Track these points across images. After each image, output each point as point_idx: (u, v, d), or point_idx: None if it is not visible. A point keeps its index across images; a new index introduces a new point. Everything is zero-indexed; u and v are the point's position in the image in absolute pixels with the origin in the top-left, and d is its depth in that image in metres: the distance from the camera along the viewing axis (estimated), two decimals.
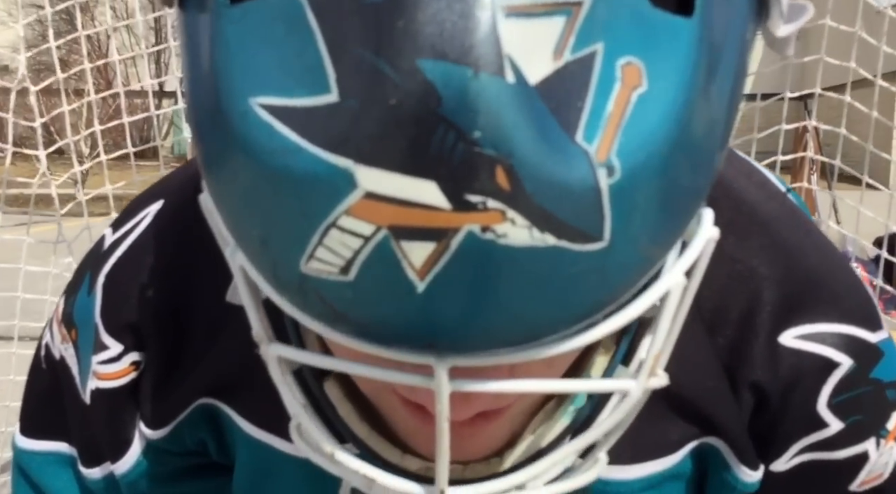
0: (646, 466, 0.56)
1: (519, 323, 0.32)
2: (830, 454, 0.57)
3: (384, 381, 0.35)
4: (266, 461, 0.60)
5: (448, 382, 0.34)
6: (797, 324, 0.55)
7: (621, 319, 0.34)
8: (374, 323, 0.32)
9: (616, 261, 0.32)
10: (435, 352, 0.33)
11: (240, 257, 0.36)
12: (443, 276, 0.30)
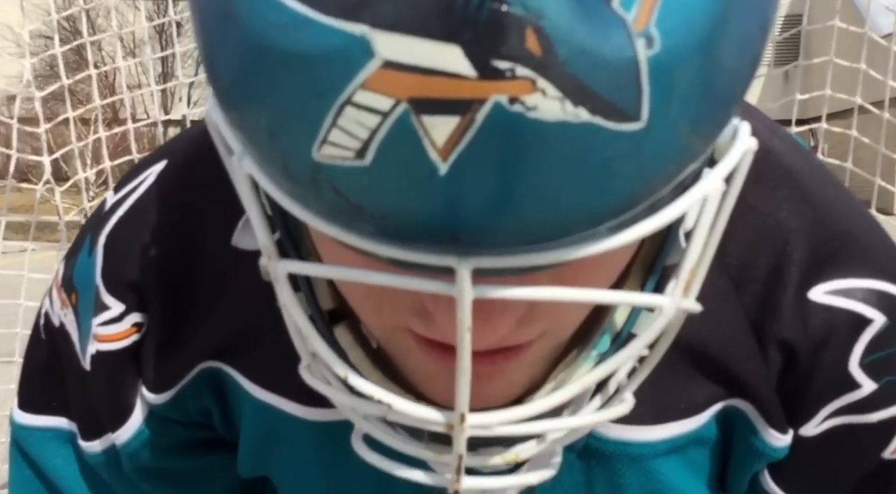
0: (669, 427, 0.54)
1: (547, 211, 0.30)
2: (863, 417, 0.54)
3: (403, 288, 0.33)
4: (273, 425, 0.57)
5: (471, 287, 0.32)
6: (827, 279, 0.53)
7: (656, 222, 0.32)
8: (392, 215, 0.30)
9: (653, 146, 0.29)
10: (457, 250, 0.31)
11: (247, 163, 0.34)
12: (467, 156, 0.28)
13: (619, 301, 0.34)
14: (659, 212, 0.32)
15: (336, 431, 0.56)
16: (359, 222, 0.31)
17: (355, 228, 0.32)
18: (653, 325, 0.35)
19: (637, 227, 0.32)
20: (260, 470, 0.63)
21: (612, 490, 0.56)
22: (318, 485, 0.60)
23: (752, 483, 0.59)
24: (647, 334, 0.36)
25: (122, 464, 0.62)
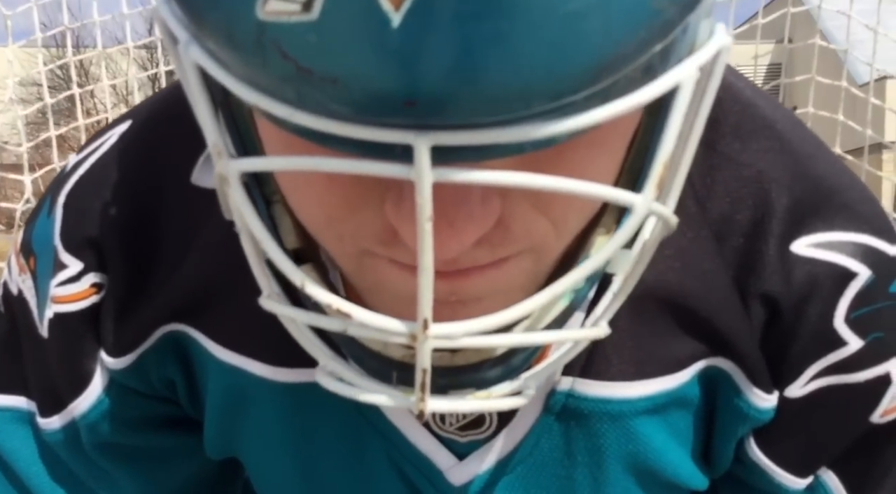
0: (650, 384, 0.51)
1: (509, 74, 0.27)
2: (850, 376, 0.52)
3: (359, 174, 0.31)
4: (239, 390, 0.54)
5: (430, 168, 0.29)
6: (811, 232, 0.51)
7: (626, 103, 0.30)
8: (344, 77, 0.28)
9: (622, 4, 0.28)
10: (415, 122, 0.29)
11: (194, 51, 0.32)
12: (421, 5, 0.26)
13: (589, 192, 0.31)
14: (628, 94, 0.31)
15: (303, 394, 0.53)
16: (309, 91, 0.29)
17: (306, 103, 0.29)
18: (625, 226, 0.33)
19: (605, 108, 0.30)
20: (227, 447, 0.60)
21: (592, 452, 0.53)
22: (287, 457, 0.57)
23: (737, 452, 0.56)
24: (619, 234, 0.33)
25: (82, 441, 0.58)
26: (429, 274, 0.31)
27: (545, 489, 0.55)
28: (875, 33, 3.04)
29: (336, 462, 0.56)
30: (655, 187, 0.33)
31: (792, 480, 0.55)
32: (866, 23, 3.01)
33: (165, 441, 0.61)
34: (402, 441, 0.55)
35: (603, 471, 0.53)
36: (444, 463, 0.56)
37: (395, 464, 0.56)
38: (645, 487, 0.55)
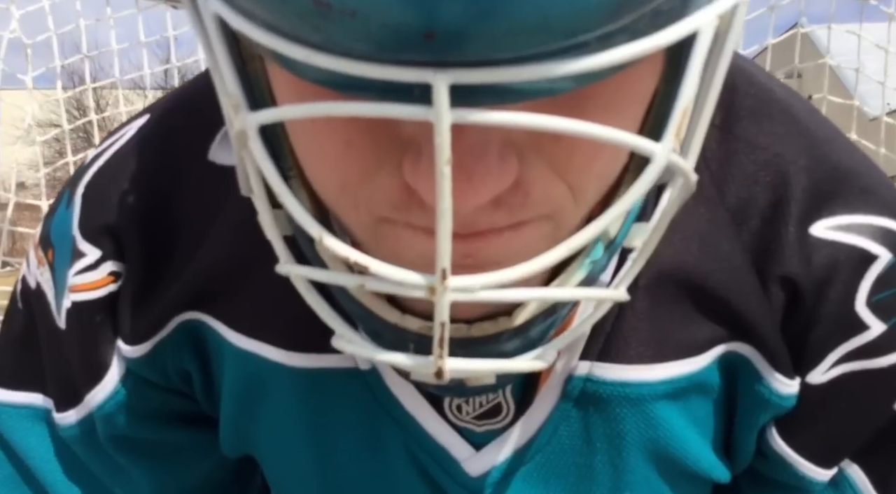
0: (668, 367, 0.50)
1: (528, 6, 0.27)
2: (872, 362, 0.51)
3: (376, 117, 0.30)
4: (255, 377, 0.53)
5: (449, 108, 0.29)
6: (830, 215, 0.50)
7: (644, 46, 0.30)
8: (362, 9, 0.27)
9: None
10: (433, 59, 0.29)
11: (213, 2, 0.32)
12: None
13: (607, 136, 0.31)
14: (646, 37, 0.30)
15: (319, 380, 0.53)
16: (327, 27, 0.29)
17: (324, 42, 0.29)
18: (644, 175, 0.33)
19: (623, 48, 0.30)
20: (243, 441, 0.59)
21: (611, 438, 0.52)
22: (303, 447, 0.56)
23: (759, 444, 0.55)
24: (639, 184, 0.33)
25: (98, 434, 0.58)
26: (447, 218, 0.31)
27: (564, 478, 0.54)
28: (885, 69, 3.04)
29: (352, 451, 0.55)
30: (675, 136, 0.32)
31: (816, 471, 0.53)
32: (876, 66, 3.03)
33: (180, 436, 0.60)
34: (418, 431, 0.54)
35: (622, 458, 0.52)
36: (461, 454, 0.55)
37: (411, 454, 0.55)
38: (665, 476, 0.54)
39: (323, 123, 0.36)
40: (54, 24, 2.16)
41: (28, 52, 2.14)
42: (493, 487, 0.55)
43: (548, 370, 0.51)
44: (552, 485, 0.54)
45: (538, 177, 0.36)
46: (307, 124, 0.37)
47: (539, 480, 0.54)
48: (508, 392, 0.53)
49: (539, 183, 0.36)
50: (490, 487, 0.55)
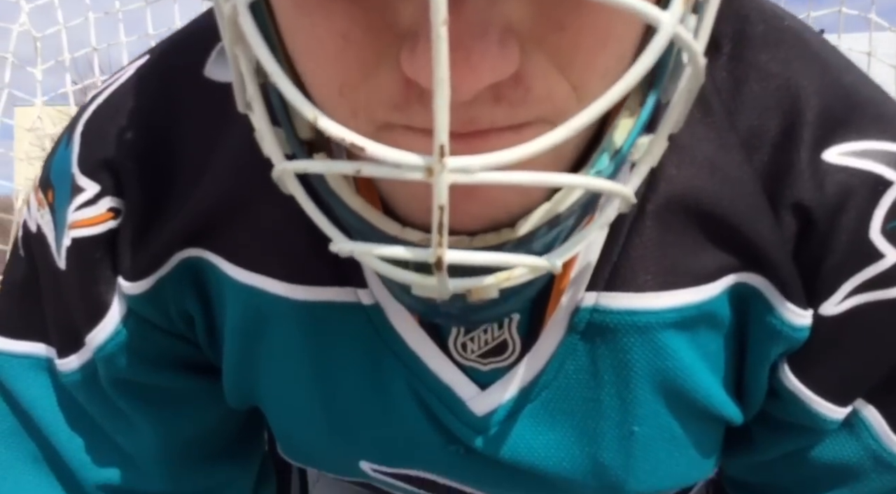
0: (677, 295, 0.48)
1: None
2: (887, 291, 0.49)
3: None
4: (257, 313, 0.52)
5: None
6: (843, 141, 0.48)
7: None
8: None
9: None
10: None
11: None
12: None
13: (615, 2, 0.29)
14: None
15: (321, 314, 0.51)
16: None
17: None
18: (650, 47, 0.31)
19: None
20: (247, 389, 0.57)
21: (618, 370, 0.50)
22: (306, 386, 0.54)
23: (771, 383, 0.52)
24: (645, 57, 0.31)
25: (100, 379, 0.56)
26: (444, 87, 0.29)
27: (570, 414, 0.52)
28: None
29: (355, 390, 0.53)
30: (682, 4, 0.31)
31: (830, 408, 0.51)
32: None
33: (183, 383, 0.59)
34: (422, 370, 0.52)
35: (630, 390, 0.50)
36: (466, 393, 0.53)
37: (415, 394, 0.53)
38: (675, 411, 0.51)
39: (320, 18, 0.34)
40: (63, 18, 2.16)
41: (37, 45, 2.13)
42: (498, 426, 0.53)
43: (554, 303, 0.50)
44: (559, 422, 0.52)
45: (540, 72, 0.34)
46: (304, 21, 0.35)
47: (546, 417, 0.52)
48: (514, 328, 0.51)
49: (541, 78, 0.34)
50: (496, 426, 0.53)
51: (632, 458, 0.52)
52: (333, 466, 0.62)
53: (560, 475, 0.53)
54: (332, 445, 0.57)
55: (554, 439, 0.52)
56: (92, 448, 0.60)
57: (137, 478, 0.60)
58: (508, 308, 0.45)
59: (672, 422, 0.52)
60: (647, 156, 0.39)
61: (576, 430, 0.52)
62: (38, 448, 0.60)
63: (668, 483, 0.54)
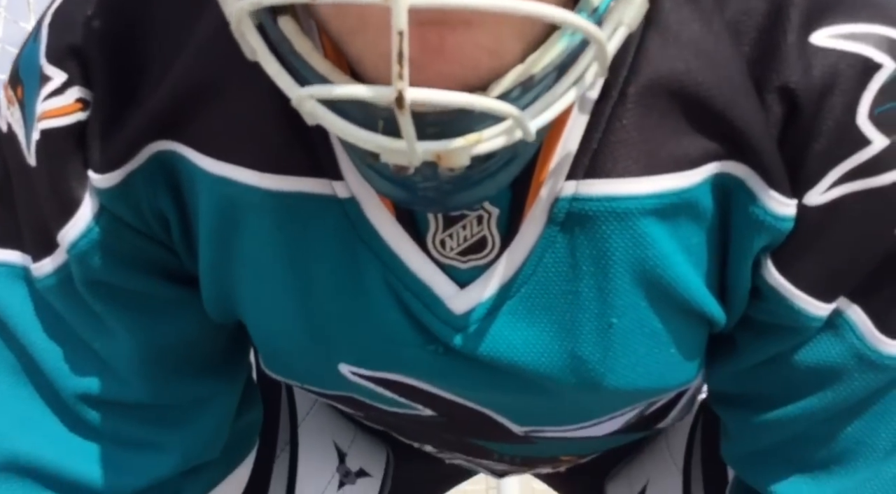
0: (658, 180, 0.46)
1: None
2: (874, 180, 0.47)
3: None
4: (230, 205, 0.50)
5: None
6: (832, 23, 0.46)
7: None
8: None
9: None
10: None
11: None
12: None
13: None
14: None
15: (295, 205, 0.50)
16: None
17: None
18: None
19: None
20: (224, 297, 0.56)
21: (597, 260, 0.48)
22: (282, 285, 0.53)
23: (754, 280, 0.51)
24: None
25: (75, 281, 0.54)
26: None
27: (549, 309, 0.50)
28: None
29: (332, 287, 0.52)
30: None
31: (813, 304, 0.50)
32: None
33: (161, 291, 0.57)
34: (400, 268, 0.51)
35: (609, 280, 0.49)
36: (445, 292, 0.51)
37: (393, 292, 0.51)
38: (655, 305, 0.50)
39: None
40: None
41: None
42: (477, 324, 0.51)
43: (533, 195, 0.48)
44: (538, 317, 0.50)
45: None
46: None
47: (525, 313, 0.51)
48: (493, 224, 0.49)
49: None
50: (475, 324, 0.51)
51: (610, 352, 0.51)
52: (314, 375, 0.60)
53: (539, 371, 0.52)
54: (311, 347, 0.55)
55: (532, 335, 0.51)
56: (70, 357, 0.58)
57: (117, 388, 0.59)
58: (485, 191, 0.44)
59: (651, 316, 0.50)
60: (626, 15, 0.37)
61: (554, 325, 0.50)
62: (16, 358, 0.59)
63: (648, 382, 0.53)
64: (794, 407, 0.55)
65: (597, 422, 0.61)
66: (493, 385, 0.54)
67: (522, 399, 0.56)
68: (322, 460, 0.86)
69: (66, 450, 0.59)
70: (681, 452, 0.83)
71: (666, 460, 0.85)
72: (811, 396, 0.54)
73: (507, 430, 0.63)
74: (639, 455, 0.89)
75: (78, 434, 0.59)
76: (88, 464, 0.59)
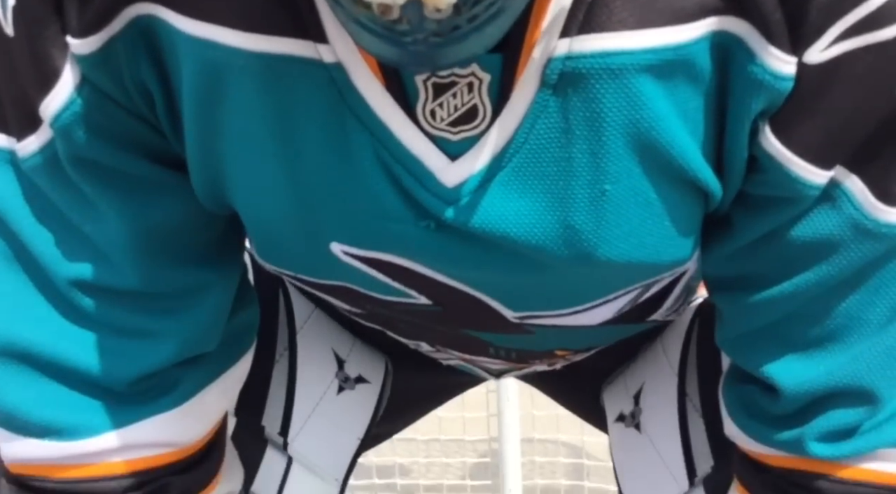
0: (653, 34, 0.45)
1: None
2: (875, 34, 0.45)
3: None
4: (214, 70, 0.48)
5: None
6: None
7: None
8: None
9: None
10: None
11: None
12: None
13: None
14: None
15: (280, 68, 0.48)
16: None
17: None
18: None
19: None
20: (211, 174, 0.54)
21: (590, 122, 0.47)
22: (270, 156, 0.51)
23: (752, 151, 0.49)
24: None
25: (61, 160, 0.53)
26: None
27: (542, 178, 0.49)
28: None
29: (320, 160, 0.50)
30: None
31: (810, 171, 0.48)
32: None
33: (149, 172, 0.55)
34: (389, 140, 0.49)
35: (603, 144, 0.47)
36: (436, 164, 0.50)
37: (383, 165, 0.50)
38: (650, 172, 0.48)
39: None
40: None
41: None
42: (469, 196, 0.50)
43: (525, 58, 0.46)
44: (530, 187, 0.49)
45: None
46: None
47: (517, 183, 0.49)
48: (484, 91, 0.48)
49: None
50: (466, 197, 0.50)
51: (603, 221, 0.49)
52: (307, 260, 0.59)
53: (531, 243, 0.50)
54: (301, 225, 0.54)
55: (525, 205, 0.50)
56: (62, 242, 0.57)
57: (110, 274, 0.58)
58: (475, 46, 0.42)
59: (646, 184, 0.49)
60: None
61: (547, 195, 0.49)
62: (7, 245, 0.58)
63: (642, 256, 0.52)
64: (789, 283, 0.54)
65: (590, 307, 0.60)
66: (485, 262, 0.53)
67: (515, 278, 0.55)
68: (321, 366, 0.86)
69: (61, 337, 0.58)
70: (676, 354, 0.83)
71: (661, 362, 0.84)
72: (807, 271, 0.53)
73: (501, 317, 0.62)
74: (635, 362, 0.89)
75: (73, 321, 0.58)
76: (84, 351, 0.58)
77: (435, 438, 1.90)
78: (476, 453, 2.02)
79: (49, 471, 0.60)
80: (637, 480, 0.82)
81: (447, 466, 1.99)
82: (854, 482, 0.57)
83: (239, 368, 0.70)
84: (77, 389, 0.59)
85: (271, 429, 0.80)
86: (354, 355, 0.89)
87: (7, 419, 0.59)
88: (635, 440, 0.83)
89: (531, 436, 1.80)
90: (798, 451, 0.58)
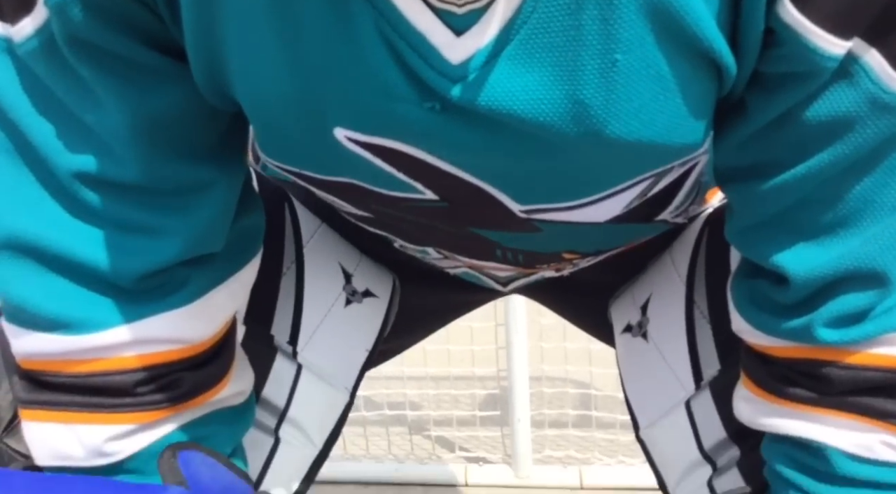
0: None
1: None
2: None
3: None
4: None
5: None
6: None
7: None
8: None
9: None
10: None
11: None
12: None
13: None
14: None
15: None
16: None
17: None
18: None
19: None
20: (209, 57, 0.52)
21: None
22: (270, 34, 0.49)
23: (769, 23, 0.47)
24: None
25: (58, 42, 0.51)
26: None
27: (551, 50, 0.47)
28: None
29: (321, 37, 0.48)
30: None
31: (828, 41, 0.46)
32: None
33: (147, 58, 0.54)
34: (392, 13, 0.47)
35: (614, 9, 0.45)
36: (441, 40, 0.48)
37: (386, 41, 0.48)
38: (663, 42, 0.46)
39: None
40: None
41: None
42: (476, 73, 0.48)
43: None
44: (539, 60, 0.47)
45: None
46: None
47: (524, 57, 0.47)
48: None
49: None
50: (473, 73, 0.48)
51: (613, 95, 0.48)
52: (311, 152, 0.58)
53: (539, 121, 0.49)
54: (303, 109, 0.52)
55: (533, 81, 0.48)
56: (63, 133, 0.55)
57: (112, 166, 0.56)
58: None
59: (658, 56, 0.47)
60: None
61: (556, 68, 0.47)
62: (7, 137, 0.56)
63: (652, 134, 0.50)
64: (802, 166, 0.52)
65: (598, 198, 0.59)
66: (492, 146, 0.52)
67: (522, 165, 0.54)
68: (328, 279, 0.85)
69: (66, 232, 0.57)
70: (685, 264, 0.81)
71: (670, 272, 0.83)
72: (821, 153, 0.51)
73: (508, 211, 0.60)
74: (643, 274, 0.88)
75: (77, 216, 0.57)
76: (90, 246, 0.57)
77: (445, 372, 1.90)
78: (485, 387, 2.03)
79: (61, 366, 0.59)
80: (643, 385, 0.81)
81: (456, 399, 2.00)
82: (861, 366, 0.56)
83: (246, 272, 0.69)
84: (84, 284, 0.58)
85: (280, 338, 0.80)
86: (361, 269, 0.88)
87: (16, 312, 0.59)
88: (642, 348, 0.82)
89: (540, 370, 1.80)
90: (806, 339, 0.57)
